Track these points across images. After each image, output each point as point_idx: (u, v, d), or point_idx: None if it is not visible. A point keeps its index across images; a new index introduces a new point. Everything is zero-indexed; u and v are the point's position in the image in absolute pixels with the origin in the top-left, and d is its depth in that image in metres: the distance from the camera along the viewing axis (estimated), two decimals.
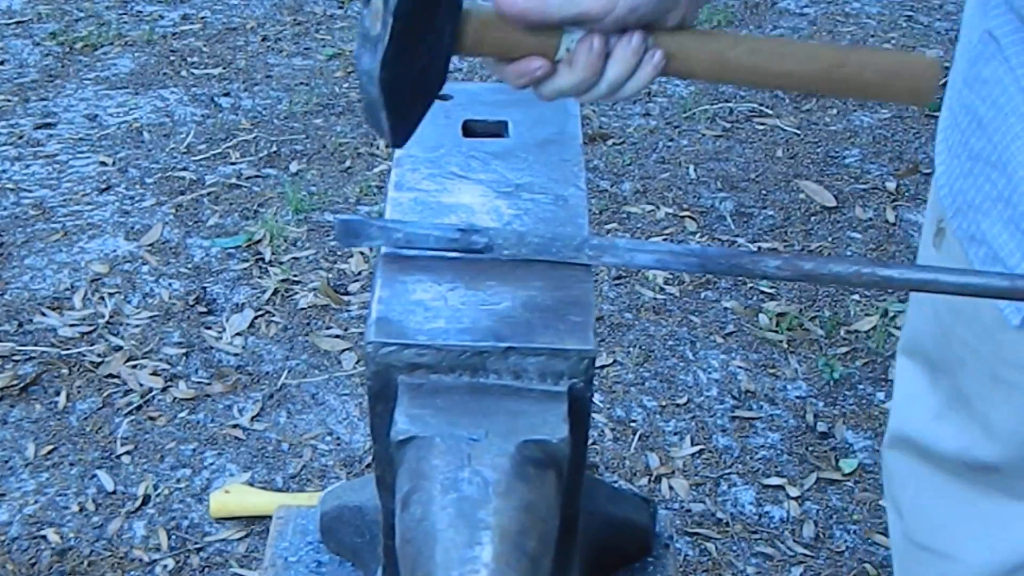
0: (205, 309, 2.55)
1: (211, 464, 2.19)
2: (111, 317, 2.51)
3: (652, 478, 2.17)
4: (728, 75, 0.83)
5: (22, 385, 2.33)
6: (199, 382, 2.36)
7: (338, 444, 2.23)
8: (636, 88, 0.81)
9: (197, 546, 2.03)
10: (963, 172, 1.06)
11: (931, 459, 1.21)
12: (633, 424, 2.29)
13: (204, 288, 2.61)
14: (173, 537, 2.04)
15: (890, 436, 1.30)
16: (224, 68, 3.55)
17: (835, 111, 3.39)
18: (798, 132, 3.28)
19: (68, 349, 2.42)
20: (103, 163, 3.06)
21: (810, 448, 2.25)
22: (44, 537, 2.03)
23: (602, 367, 2.40)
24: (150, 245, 2.74)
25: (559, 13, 0.77)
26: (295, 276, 2.65)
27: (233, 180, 2.99)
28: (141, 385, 2.34)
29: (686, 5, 0.80)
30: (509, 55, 0.80)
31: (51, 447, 2.21)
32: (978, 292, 0.84)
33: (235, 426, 2.26)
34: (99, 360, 2.39)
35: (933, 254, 1.13)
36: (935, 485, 1.21)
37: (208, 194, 2.94)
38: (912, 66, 0.83)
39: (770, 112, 3.37)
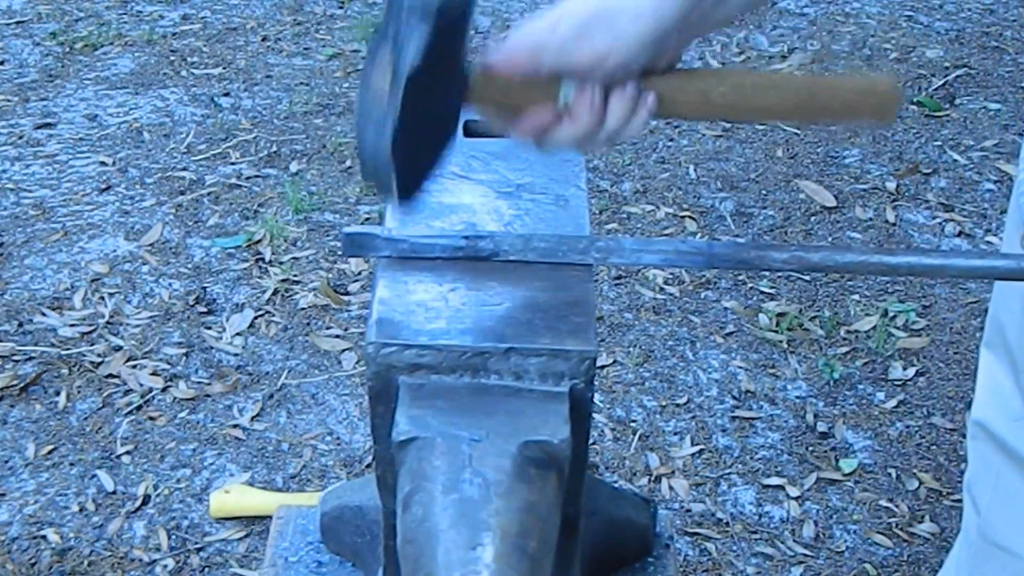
0: (205, 309, 2.55)
1: (211, 464, 2.19)
2: (111, 317, 2.51)
3: (652, 478, 2.17)
4: (714, 113, 0.87)
5: (22, 385, 2.33)
6: (199, 382, 2.36)
7: (338, 444, 2.23)
8: (632, 133, 0.84)
9: (197, 546, 2.03)
10: None
11: (1014, 458, 1.21)
12: (633, 424, 2.29)
13: (204, 288, 2.61)
14: (173, 537, 2.04)
15: (972, 426, 1.30)
16: (224, 68, 3.55)
17: None
18: (798, 132, 3.28)
19: (68, 349, 2.42)
20: (103, 163, 3.05)
21: (810, 448, 2.25)
22: (44, 537, 2.03)
23: (602, 367, 2.40)
24: (150, 245, 2.74)
25: (551, 66, 0.80)
26: (295, 276, 2.65)
27: (233, 180, 2.99)
28: (141, 385, 2.34)
29: (673, 49, 0.83)
30: (511, 106, 0.82)
31: (51, 447, 2.21)
32: (985, 274, 0.85)
33: (235, 426, 2.26)
34: (99, 360, 2.39)
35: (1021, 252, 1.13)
36: (1016, 487, 1.21)
37: (208, 194, 2.94)
38: (876, 90, 0.88)
39: None
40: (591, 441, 2.02)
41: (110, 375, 2.36)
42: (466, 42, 0.80)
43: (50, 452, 2.20)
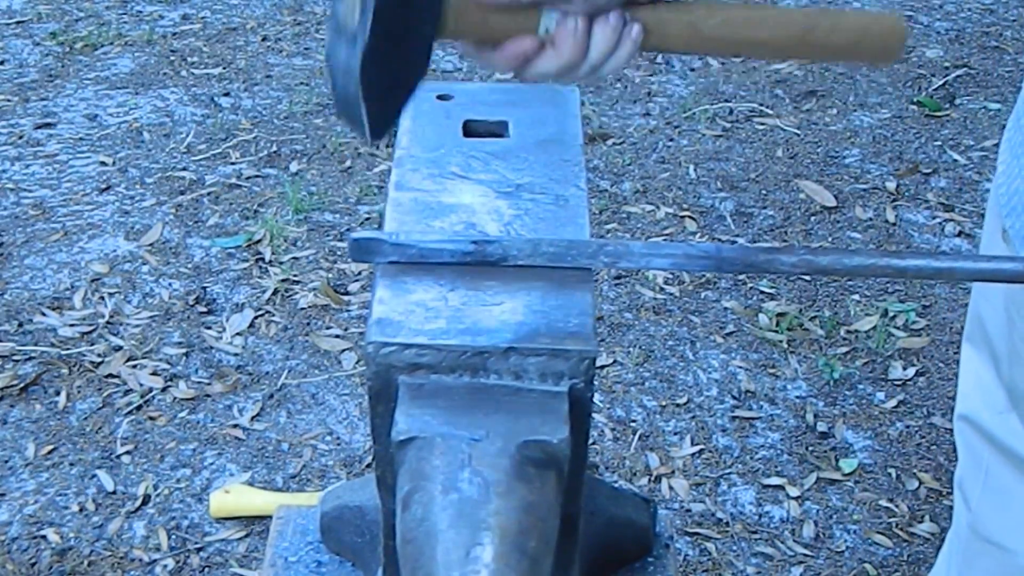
0: (205, 309, 2.55)
1: (211, 464, 2.19)
2: (111, 317, 2.51)
3: (652, 478, 2.17)
4: (704, 46, 0.84)
5: (22, 385, 2.33)
6: (199, 382, 2.36)
7: (338, 444, 2.23)
8: (616, 66, 0.82)
9: (197, 546, 2.03)
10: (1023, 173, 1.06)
11: (1002, 451, 1.21)
12: (633, 424, 2.28)
13: (204, 288, 2.61)
14: (173, 537, 2.04)
15: (958, 421, 1.30)
16: (224, 68, 3.55)
17: (835, 111, 3.40)
18: (798, 132, 3.28)
19: (68, 349, 2.42)
20: (103, 163, 3.06)
21: (810, 448, 2.25)
22: (44, 537, 2.03)
23: (602, 367, 2.40)
24: (150, 245, 2.74)
25: None
26: (295, 276, 2.65)
27: (233, 180, 2.99)
28: (141, 385, 2.34)
29: None
30: (490, 38, 0.80)
31: (51, 447, 2.21)
32: (993, 277, 0.84)
33: (235, 426, 2.26)
34: (99, 360, 2.39)
35: (1002, 249, 1.13)
36: (1005, 480, 1.21)
37: (208, 194, 2.94)
38: (879, 26, 0.84)
39: (770, 112, 3.37)
40: (591, 441, 2.02)
41: (110, 375, 2.36)
42: None
43: (50, 452, 2.20)
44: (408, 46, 0.78)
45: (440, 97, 1.04)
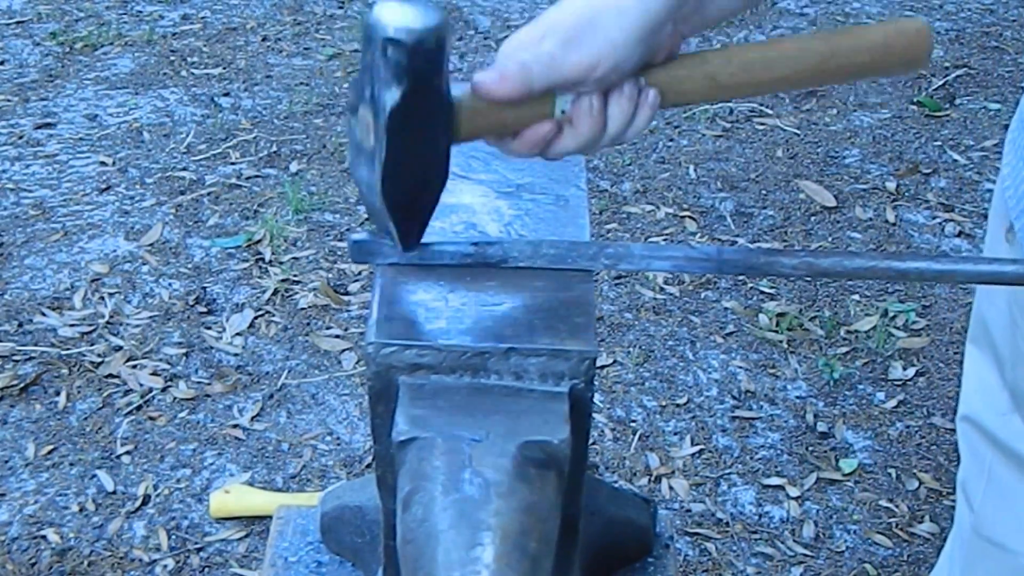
0: (205, 309, 2.55)
1: (211, 464, 2.19)
2: (111, 317, 2.51)
3: (652, 478, 2.17)
4: (724, 94, 0.83)
5: (22, 385, 2.33)
6: (199, 382, 2.36)
7: (338, 444, 2.23)
8: (637, 131, 0.81)
9: (197, 546, 2.03)
10: None
11: (1005, 452, 1.21)
12: (633, 424, 2.29)
13: (204, 288, 2.61)
14: (173, 537, 2.04)
15: (961, 422, 1.30)
16: (224, 68, 3.55)
17: (835, 111, 3.40)
18: (798, 132, 3.28)
19: (68, 349, 2.42)
20: (103, 163, 3.06)
21: (810, 448, 2.25)
22: (44, 537, 2.03)
23: (602, 367, 2.40)
24: (150, 245, 2.74)
25: (543, 82, 0.77)
26: (295, 276, 2.65)
27: (233, 180, 2.99)
28: (141, 385, 2.34)
29: (669, 42, 0.80)
30: (507, 130, 0.80)
31: (51, 447, 2.21)
32: (994, 280, 0.84)
33: (235, 426, 2.26)
34: (99, 360, 2.39)
35: (1005, 249, 1.13)
36: (1009, 482, 1.21)
37: (208, 194, 2.94)
38: (902, 36, 0.82)
39: (770, 112, 3.37)
40: (591, 441, 2.03)
41: (110, 375, 2.36)
42: (446, 75, 0.76)
43: (50, 452, 2.20)
44: (425, 158, 0.79)
45: None
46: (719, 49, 0.82)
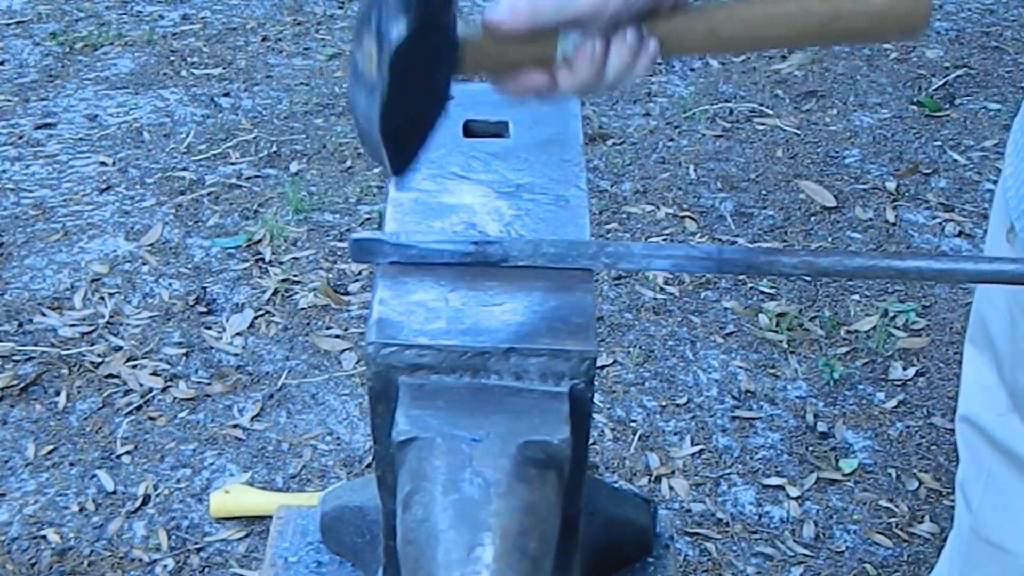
0: (205, 309, 2.55)
1: (211, 464, 2.19)
2: (111, 317, 2.51)
3: (652, 478, 2.17)
4: (723, 47, 0.83)
5: (22, 385, 2.33)
6: (199, 382, 2.36)
7: (338, 444, 2.23)
8: (633, 80, 0.81)
9: (197, 546, 2.03)
10: None
11: (1004, 453, 1.21)
12: (633, 424, 2.29)
13: (204, 288, 2.61)
14: (173, 537, 2.04)
15: (960, 422, 1.30)
16: (224, 68, 3.55)
17: (835, 111, 3.40)
18: (798, 132, 3.28)
19: (68, 349, 2.42)
20: (103, 163, 3.06)
21: (810, 448, 2.25)
22: (44, 537, 2.03)
23: (602, 367, 2.40)
24: (150, 245, 2.74)
25: (552, 18, 0.77)
26: (295, 276, 2.65)
27: (233, 180, 2.99)
28: (141, 385, 2.34)
29: None
30: (508, 67, 0.80)
31: (51, 447, 2.21)
32: (994, 279, 0.84)
33: (235, 426, 2.27)
34: (99, 360, 2.39)
35: (1006, 250, 1.13)
36: (1007, 482, 1.21)
37: (208, 194, 2.94)
38: (904, 2, 0.82)
39: (770, 112, 3.37)
40: (591, 441, 2.03)
41: (110, 375, 2.36)
42: (453, 9, 0.76)
43: (50, 452, 2.20)
44: (426, 89, 0.78)
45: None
46: (723, 4, 0.82)
